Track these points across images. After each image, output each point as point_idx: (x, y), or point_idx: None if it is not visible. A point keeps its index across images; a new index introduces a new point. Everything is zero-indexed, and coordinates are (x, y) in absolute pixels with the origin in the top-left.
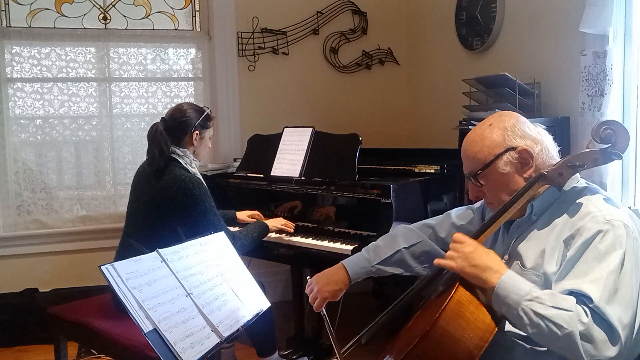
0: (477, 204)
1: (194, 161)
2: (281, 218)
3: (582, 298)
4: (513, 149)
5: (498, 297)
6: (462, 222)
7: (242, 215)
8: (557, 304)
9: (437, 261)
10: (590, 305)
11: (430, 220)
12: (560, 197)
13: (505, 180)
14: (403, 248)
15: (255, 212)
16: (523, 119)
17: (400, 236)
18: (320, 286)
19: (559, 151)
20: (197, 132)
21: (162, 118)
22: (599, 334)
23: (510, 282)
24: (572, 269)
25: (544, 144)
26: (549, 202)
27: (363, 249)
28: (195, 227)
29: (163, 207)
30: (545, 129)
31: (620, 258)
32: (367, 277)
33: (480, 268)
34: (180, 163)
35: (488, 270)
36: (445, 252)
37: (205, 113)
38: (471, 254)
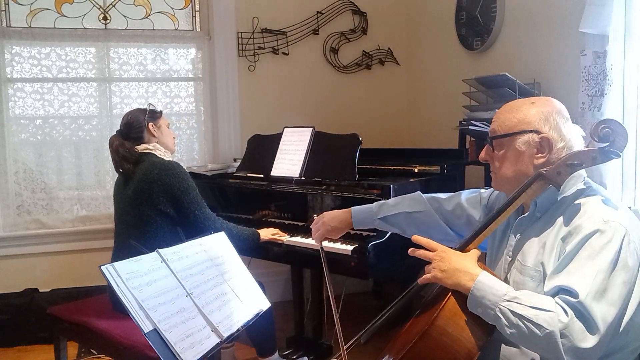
0: (486, 192)
1: (167, 152)
2: (272, 228)
3: (567, 293)
4: (537, 132)
5: (474, 297)
6: (468, 206)
7: (266, 233)
8: (537, 304)
9: (419, 280)
10: (574, 300)
11: (441, 195)
12: (562, 197)
13: (516, 158)
14: (405, 212)
15: (275, 230)
16: (566, 114)
17: (408, 200)
18: (325, 220)
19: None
20: (150, 124)
21: (117, 130)
22: (578, 327)
23: (487, 282)
24: (566, 266)
25: (569, 144)
26: (552, 201)
27: (374, 203)
28: (180, 206)
29: (148, 192)
30: (584, 135)
31: (612, 257)
32: (368, 227)
33: (450, 271)
34: (155, 155)
35: (457, 272)
36: (448, 225)
37: (148, 109)
38: (441, 259)
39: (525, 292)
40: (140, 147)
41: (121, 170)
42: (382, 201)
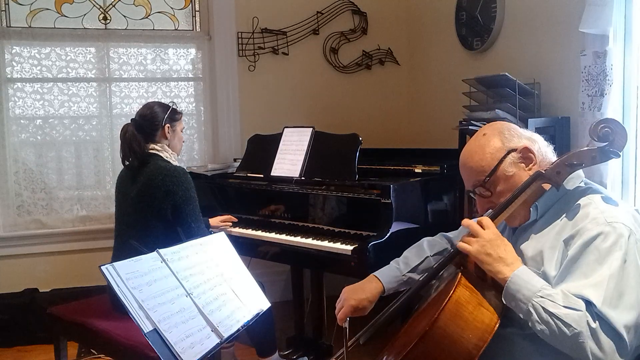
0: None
1: (173, 154)
2: (225, 215)
3: (585, 302)
4: (514, 149)
5: (509, 290)
6: None
7: (215, 221)
8: (569, 303)
9: (458, 245)
10: (594, 310)
11: (447, 234)
12: (562, 197)
13: (513, 182)
14: (430, 256)
15: (227, 216)
16: (513, 124)
17: (425, 245)
18: (347, 295)
19: (554, 149)
20: (167, 125)
21: (132, 119)
22: (606, 342)
23: (524, 276)
24: (572, 271)
25: (539, 144)
26: (552, 202)
27: (392, 262)
28: (179, 214)
29: (150, 197)
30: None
31: (621, 260)
32: (400, 287)
33: (494, 257)
34: (162, 157)
35: (501, 261)
36: None
37: (171, 108)
38: (490, 241)
39: (560, 291)
40: (149, 146)
41: (127, 162)
42: (397, 259)
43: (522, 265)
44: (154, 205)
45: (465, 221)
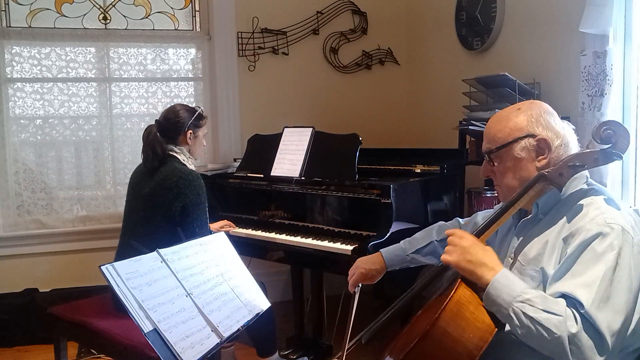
0: (498, 206)
1: (191, 158)
2: (224, 221)
3: (573, 302)
4: (533, 136)
5: (489, 295)
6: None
7: (214, 226)
8: (548, 307)
9: (442, 257)
10: (581, 310)
11: (461, 219)
12: (565, 198)
13: (518, 166)
14: (435, 240)
15: (225, 222)
16: (552, 111)
17: (435, 230)
18: (358, 264)
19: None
20: (190, 131)
21: (156, 120)
22: (587, 340)
23: (503, 281)
24: (568, 269)
25: (564, 140)
26: (554, 202)
27: (402, 241)
28: (185, 217)
29: (161, 197)
30: (574, 129)
31: (614, 263)
32: (403, 264)
33: (475, 264)
34: (179, 159)
35: (483, 266)
36: None
37: (197, 112)
38: (468, 248)
39: (539, 293)
40: (168, 147)
41: (147, 164)
42: (408, 238)
43: (503, 269)
44: (164, 205)
45: (448, 231)
